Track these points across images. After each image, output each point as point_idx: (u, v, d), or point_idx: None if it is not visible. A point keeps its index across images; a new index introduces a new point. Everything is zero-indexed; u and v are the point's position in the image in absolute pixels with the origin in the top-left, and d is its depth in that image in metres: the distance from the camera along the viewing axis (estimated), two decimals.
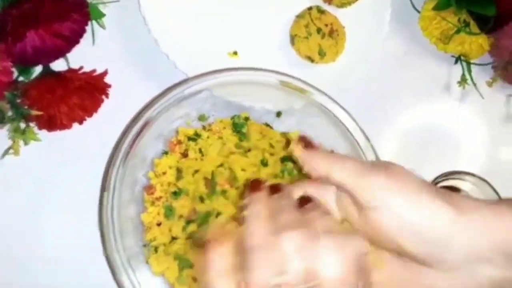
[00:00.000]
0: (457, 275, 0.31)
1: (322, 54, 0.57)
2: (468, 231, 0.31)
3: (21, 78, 0.52)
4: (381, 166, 0.33)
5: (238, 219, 0.34)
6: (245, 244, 0.32)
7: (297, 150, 0.35)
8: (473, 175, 0.57)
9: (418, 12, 0.60)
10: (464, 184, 0.58)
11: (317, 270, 0.31)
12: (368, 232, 0.33)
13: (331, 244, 0.32)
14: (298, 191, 0.36)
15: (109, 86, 0.54)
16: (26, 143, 0.52)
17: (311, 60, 0.57)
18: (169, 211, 0.50)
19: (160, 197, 0.50)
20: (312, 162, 0.35)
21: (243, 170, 0.52)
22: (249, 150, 0.53)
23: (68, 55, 0.53)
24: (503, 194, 0.54)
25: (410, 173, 0.33)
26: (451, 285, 0.32)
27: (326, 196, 0.35)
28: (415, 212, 0.31)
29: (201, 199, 0.50)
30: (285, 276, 0.31)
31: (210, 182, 0.51)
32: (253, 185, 0.36)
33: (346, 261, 0.31)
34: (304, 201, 0.35)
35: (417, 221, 0.31)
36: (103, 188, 0.45)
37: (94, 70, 0.52)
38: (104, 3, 0.55)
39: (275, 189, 0.36)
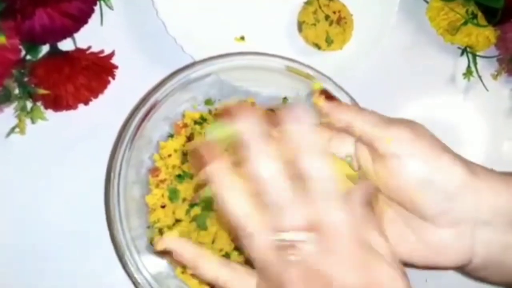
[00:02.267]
0: (456, 231, 0.33)
1: (329, 41, 0.57)
2: (475, 193, 0.33)
3: (28, 57, 0.52)
4: (405, 121, 0.35)
5: None
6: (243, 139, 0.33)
7: (320, 101, 0.36)
8: None
9: (427, 2, 0.60)
10: None
11: (319, 218, 0.31)
12: (381, 185, 0.34)
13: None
14: (316, 137, 0.36)
15: (116, 67, 0.54)
16: (33, 122, 0.52)
17: (318, 47, 0.57)
18: (173, 194, 0.50)
19: (165, 180, 0.50)
20: (335, 112, 0.36)
21: None
22: None
23: (76, 35, 0.53)
24: None
25: (432, 134, 0.35)
26: (449, 239, 0.34)
27: (345, 144, 0.37)
28: (432, 166, 0.33)
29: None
30: (287, 227, 0.30)
31: None
32: None
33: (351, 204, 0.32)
34: None
35: (433, 174, 0.33)
36: (110, 168, 0.45)
37: (101, 51, 0.52)
38: None
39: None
